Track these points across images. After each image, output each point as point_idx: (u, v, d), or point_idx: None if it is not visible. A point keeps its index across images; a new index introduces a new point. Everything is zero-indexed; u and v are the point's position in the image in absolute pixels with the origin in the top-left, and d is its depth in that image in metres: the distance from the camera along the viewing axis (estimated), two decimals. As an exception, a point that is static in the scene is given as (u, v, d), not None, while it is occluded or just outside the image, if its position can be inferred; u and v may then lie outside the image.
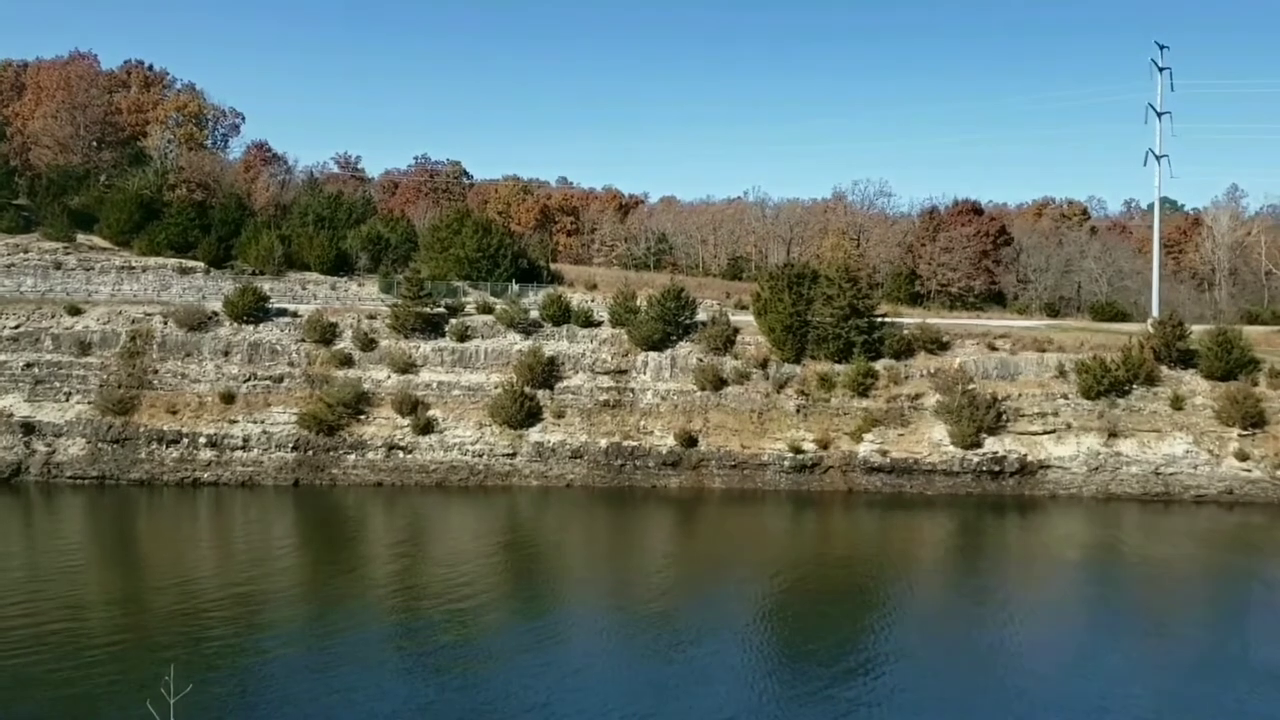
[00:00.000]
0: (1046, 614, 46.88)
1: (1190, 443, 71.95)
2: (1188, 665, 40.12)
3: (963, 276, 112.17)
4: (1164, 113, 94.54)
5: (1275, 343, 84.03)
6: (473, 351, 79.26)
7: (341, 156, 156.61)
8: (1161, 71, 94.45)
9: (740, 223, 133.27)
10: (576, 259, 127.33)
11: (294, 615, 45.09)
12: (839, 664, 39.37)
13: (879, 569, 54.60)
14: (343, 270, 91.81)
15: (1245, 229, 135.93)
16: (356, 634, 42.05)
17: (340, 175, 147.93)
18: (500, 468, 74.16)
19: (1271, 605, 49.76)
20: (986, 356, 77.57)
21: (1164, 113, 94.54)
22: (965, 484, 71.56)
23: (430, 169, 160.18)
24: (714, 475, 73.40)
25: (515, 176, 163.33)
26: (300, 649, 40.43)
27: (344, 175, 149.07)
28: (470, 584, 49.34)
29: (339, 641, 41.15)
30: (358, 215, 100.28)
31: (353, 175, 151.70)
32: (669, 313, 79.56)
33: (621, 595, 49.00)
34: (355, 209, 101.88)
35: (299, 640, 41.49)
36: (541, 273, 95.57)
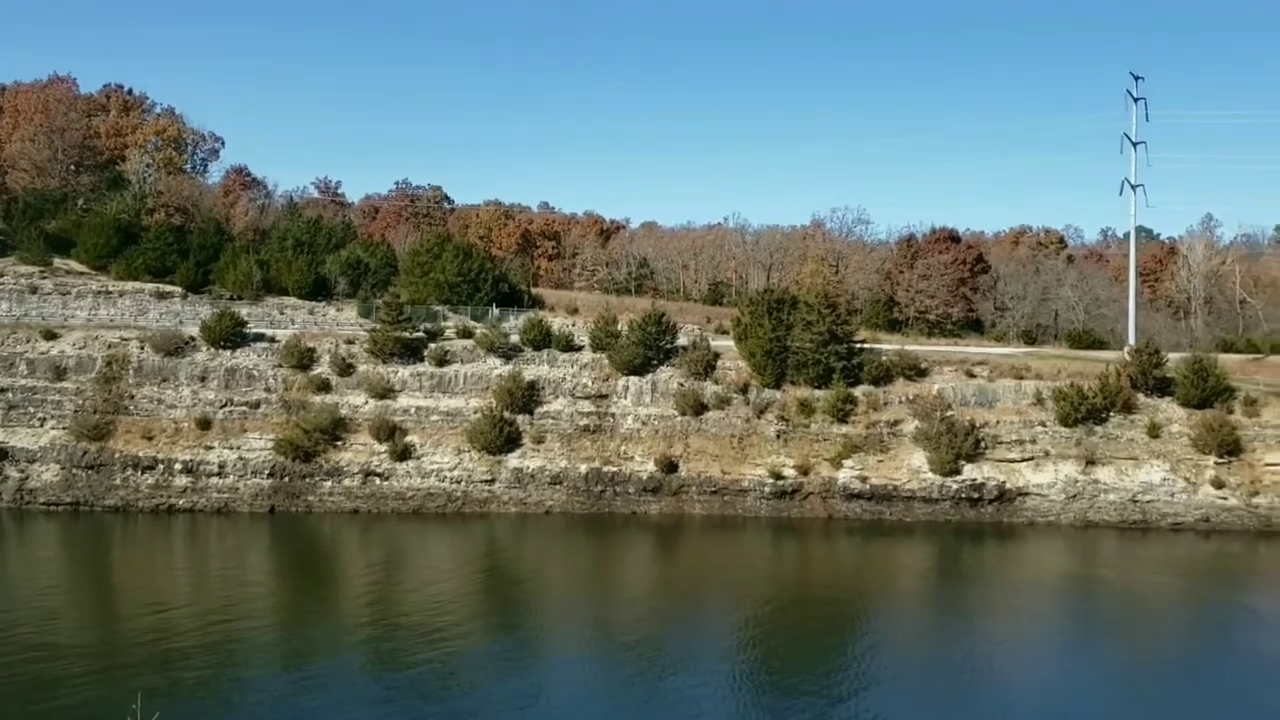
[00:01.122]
0: (1027, 645, 46.89)
1: (1167, 471, 72.32)
2: (1165, 695, 40.14)
3: (940, 303, 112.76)
4: (1139, 142, 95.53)
5: (1250, 371, 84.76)
6: (452, 376, 78.98)
7: (321, 181, 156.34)
8: (1137, 102, 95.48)
9: (721, 248, 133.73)
10: (558, 284, 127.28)
11: (269, 643, 44.59)
12: (821, 694, 39.19)
13: (860, 597, 54.54)
14: (321, 295, 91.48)
15: (1220, 258, 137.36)
16: (333, 662, 41.64)
17: (320, 200, 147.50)
18: (478, 494, 73.76)
19: (1249, 637, 49.85)
20: (965, 383, 77.87)
21: (1139, 142, 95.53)
22: (944, 511, 71.62)
23: (411, 193, 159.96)
24: (694, 501, 73.22)
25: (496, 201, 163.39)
26: (275, 677, 39.99)
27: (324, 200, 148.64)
28: (449, 612, 48.94)
29: (315, 670, 40.74)
30: (337, 240, 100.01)
31: (333, 200, 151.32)
32: (650, 337, 79.58)
33: (602, 624, 48.73)
34: (335, 233, 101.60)
35: (273, 668, 41.05)
36: (522, 297, 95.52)
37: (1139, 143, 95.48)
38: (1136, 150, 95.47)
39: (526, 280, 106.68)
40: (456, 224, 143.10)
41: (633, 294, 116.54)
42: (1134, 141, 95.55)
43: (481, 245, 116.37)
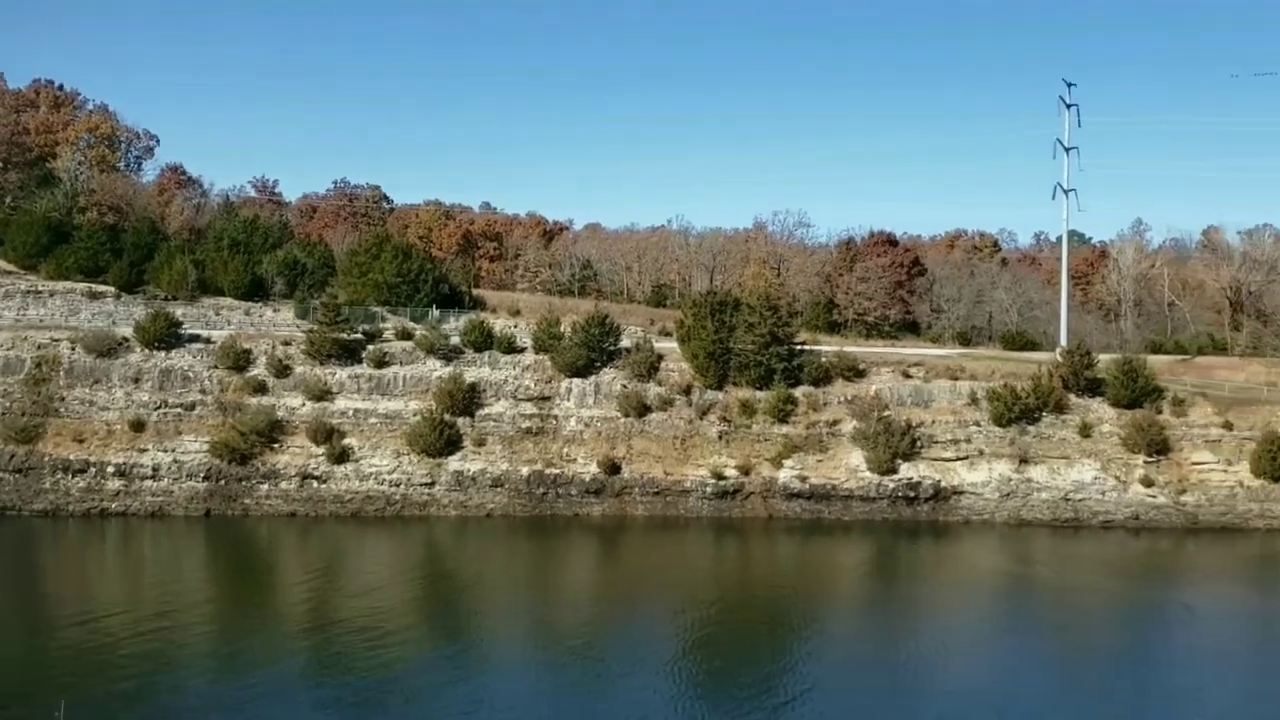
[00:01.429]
0: (964, 641, 47.72)
1: (1098, 469, 73.95)
2: (1098, 689, 41.05)
3: (879, 306, 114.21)
4: (1071, 148, 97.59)
5: (1178, 372, 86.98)
6: (391, 378, 78.33)
7: (258, 180, 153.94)
8: (1069, 108, 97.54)
9: (664, 250, 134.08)
10: (499, 285, 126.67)
11: (204, 651, 43.79)
12: (765, 693, 39.52)
13: (801, 596, 55.10)
14: (258, 296, 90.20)
15: (1149, 261, 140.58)
16: (271, 670, 41.08)
17: (257, 199, 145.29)
18: (418, 497, 73.22)
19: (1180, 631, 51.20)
20: (901, 384, 78.97)
21: (1071, 148, 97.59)
22: (881, 510, 72.56)
23: (349, 193, 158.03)
24: (637, 503, 73.37)
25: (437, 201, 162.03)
26: (211, 686, 39.32)
27: (261, 199, 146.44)
28: (389, 617, 48.51)
29: (253, 679, 40.10)
30: (274, 240, 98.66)
31: (270, 199, 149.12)
32: (593, 339, 79.62)
33: (546, 627, 48.65)
34: (272, 233, 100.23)
35: (209, 677, 40.37)
36: (463, 298, 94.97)
37: (1071, 148, 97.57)
38: (1069, 155, 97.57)
39: (467, 281, 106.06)
40: (396, 224, 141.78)
41: (576, 296, 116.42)
42: (1066, 147, 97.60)
43: (421, 246, 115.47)
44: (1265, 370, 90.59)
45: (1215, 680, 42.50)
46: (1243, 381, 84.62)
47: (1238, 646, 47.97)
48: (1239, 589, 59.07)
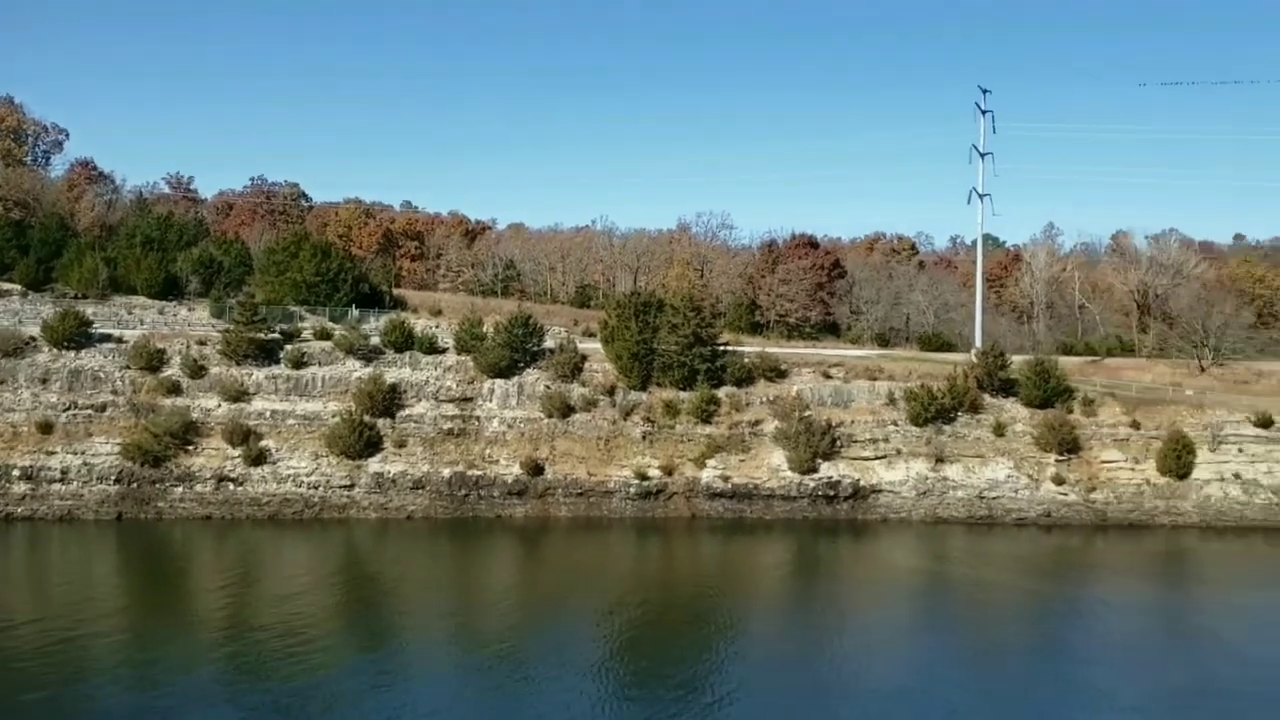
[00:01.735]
0: (880, 638, 48.49)
1: (1011, 468, 75.74)
2: (1011, 681, 42.07)
3: (800, 307, 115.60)
4: (986, 153, 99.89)
5: (1088, 373, 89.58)
6: (309, 379, 77.11)
7: (173, 176, 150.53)
8: (984, 114, 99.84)
9: (588, 251, 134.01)
10: (421, 284, 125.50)
11: (118, 659, 42.63)
12: (689, 693, 39.80)
13: (724, 596, 55.54)
14: (172, 295, 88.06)
15: (1061, 265, 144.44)
16: (187, 678, 40.13)
17: (171, 196, 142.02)
18: (337, 499, 72.20)
19: (1091, 625, 52.71)
20: (822, 384, 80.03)
21: (986, 153, 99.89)
22: (802, 508, 73.46)
23: (267, 190, 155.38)
24: (560, 504, 73.23)
25: (357, 199, 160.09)
26: (125, 695, 38.33)
27: (175, 196, 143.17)
28: (309, 622, 47.71)
29: (168, 687, 39.19)
30: (189, 237, 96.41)
31: (185, 196, 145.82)
32: (516, 339, 79.28)
33: (469, 630, 48.31)
34: (187, 231, 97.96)
35: (123, 686, 39.34)
36: (384, 298, 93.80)
37: (986, 154, 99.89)
38: (984, 161, 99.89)
39: (388, 281, 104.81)
40: (315, 222, 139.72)
41: (499, 296, 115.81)
42: (981, 152, 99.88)
43: (341, 244, 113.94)
44: (1171, 371, 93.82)
45: (1124, 672, 43.83)
46: (1149, 382, 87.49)
47: (1144, 639, 49.56)
48: (1145, 584, 60.97)
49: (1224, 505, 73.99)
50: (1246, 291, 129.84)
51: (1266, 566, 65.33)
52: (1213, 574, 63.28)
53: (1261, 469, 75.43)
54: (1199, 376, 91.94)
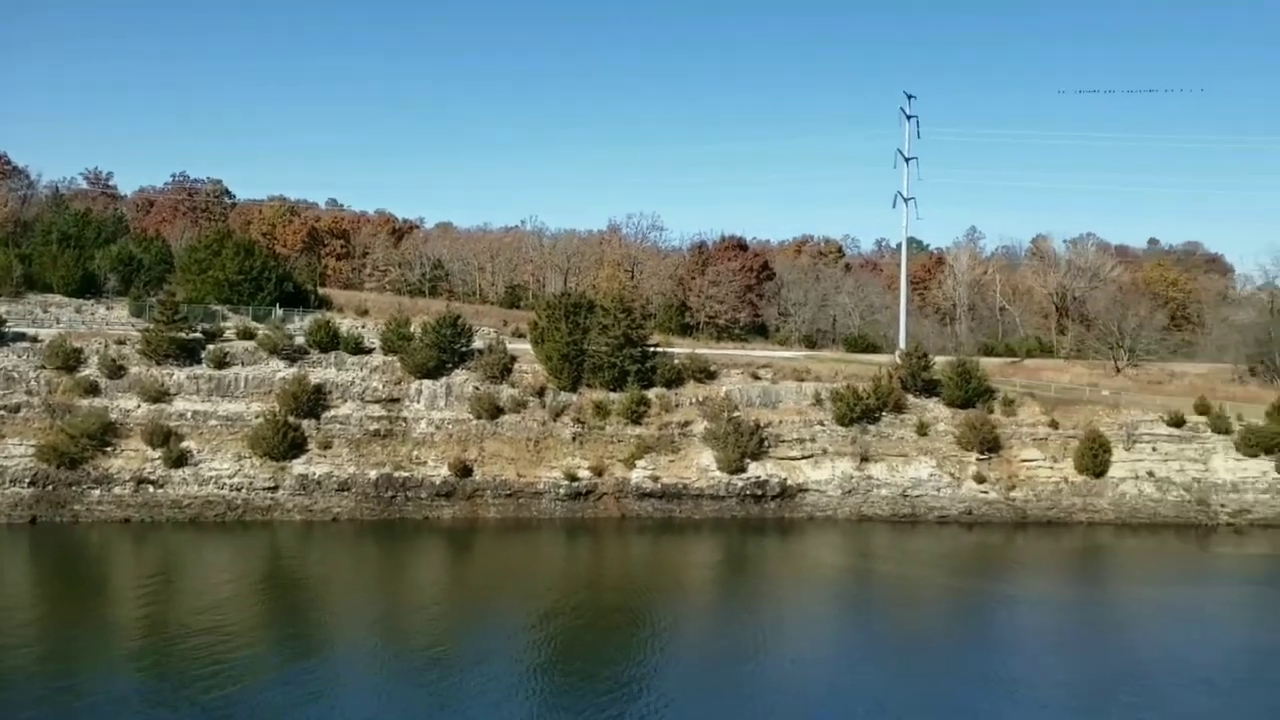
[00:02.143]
0: (806, 635, 49.07)
1: (934, 467, 77.15)
2: (933, 675, 42.86)
3: (729, 309, 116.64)
4: (911, 158, 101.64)
5: (1008, 373, 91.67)
6: (232, 379, 75.75)
7: (91, 172, 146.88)
8: (909, 119, 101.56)
9: (518, 251, 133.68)
10: (347, 284, 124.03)
11: (30, 669, 41.12)
12: (619, 693, 39.81)
13: (652, 594, 55.69)
14: (90, 293, 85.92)
15: (982, 268, 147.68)
16: (105, 688, 38.96)
17: (89, 192, 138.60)
18: (261, 501, 71.01)
19: (1008, 621, 53.92)
20: (750, 385, 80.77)
21: (911, 158, 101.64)
22: (730, 508, 74.04)
23: (189, 187, 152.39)
24: (489, 505, 72.87)
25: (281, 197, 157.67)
26: (38, 706, 37.11)
27: (93, 192, 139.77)
28: (233, 628, 46.72)
29: (84, 698, 38.00)
30: (108, 234, 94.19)
31: (103, 192, 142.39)
32: (444, 340, 78.70)
33: (396, 633, 47.72)
34: (105, 228, 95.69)
35: (36, 697, 38.01)
36: (309, 297, 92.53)
37: (911, 158, 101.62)
38: (908, 165, 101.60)
39: (313, 280, 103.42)
40: (238, 220, 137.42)
41: (427, 295, 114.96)
42: (906, 157, 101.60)
43: (265, 242, 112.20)
44: (1088, 372, 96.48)
45: (1040, 663, 44.92)
46: (1067, 382, 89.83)
47: (1060, 632, 50.83)
48: (1062, 580, 62.52)
49: (1138, 502, 76.17)
50: (1160, 294, 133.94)
51: (1178, 562, 67.39)
52: (1127, 570, 65.05)
53: (1174, 467, 77.79)
54: (1115, 377, 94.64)
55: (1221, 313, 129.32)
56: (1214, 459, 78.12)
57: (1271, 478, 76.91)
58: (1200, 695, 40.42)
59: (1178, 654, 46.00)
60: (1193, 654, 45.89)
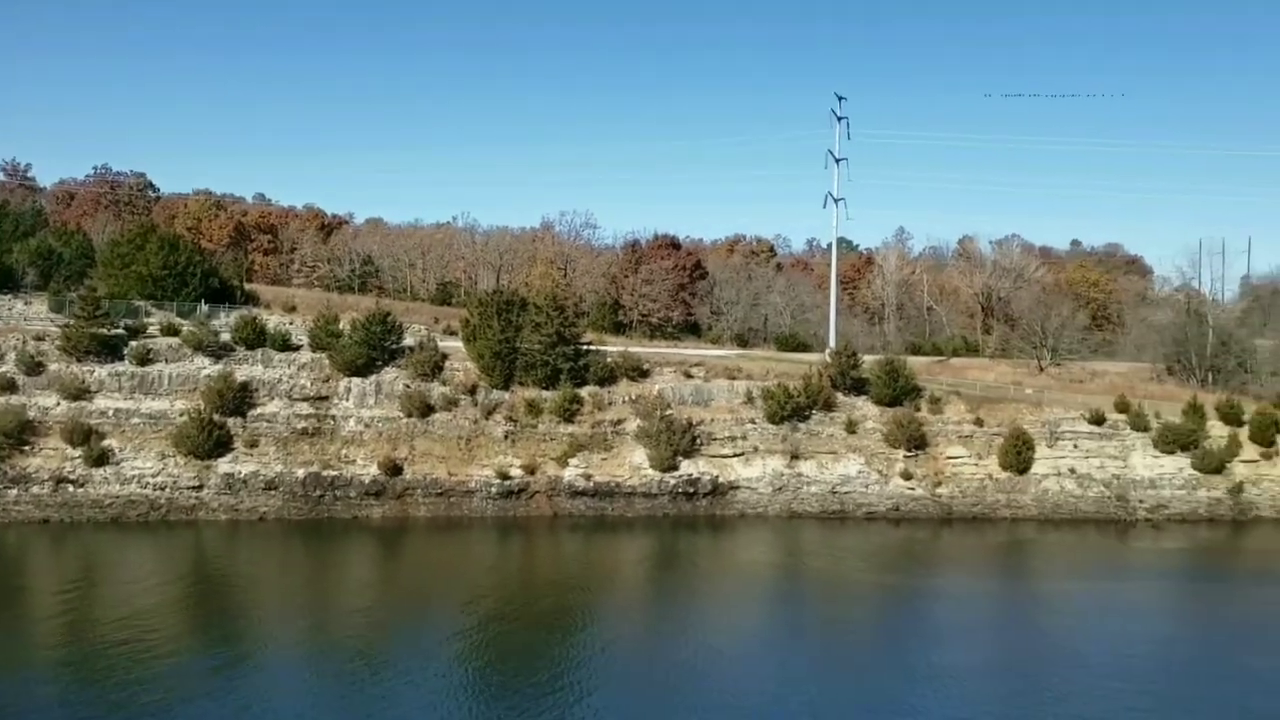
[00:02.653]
0: (737, 631, 49.45)
1: (862, 464, 78.23)
2: (857, 666, 43.50)
3: (662, 307, 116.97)
4: (841, 159, 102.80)
5: (935, 372, 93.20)
6: (155, 376, 74.19)
7: (9, 163, 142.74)
8: (840, 121, 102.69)
9: (450, 248, 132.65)
10: (274, 279, 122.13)
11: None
12: (551, 691, 39.79)
13: (582, 592, 55.75)
14: (7, 288, 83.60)
15: (910, 268, 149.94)
16: (22, 699, 37.84)
17: (6, 184, 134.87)
18: (185, 501, 69.66)
19: (931, 612, 54.92)
20: (683, 383, 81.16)
21: (841, 159, 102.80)
22: (663, 505, 74.35)
23: (111, 180, 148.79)
24: (419, 504, 72.29)
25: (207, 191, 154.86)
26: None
27: (11, 184, 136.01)
28: (157, 633, 45.64)
29: None
30: (26, 227, 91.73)
31: (21, 184, 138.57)
32: (374, 337, 77.87)
33: (325, 634, 47.12)
34: (23, 220, 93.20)
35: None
36: (235, 293, 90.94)
37: (841, 159, 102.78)
38: (839, 166, 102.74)
39: (240, 275, 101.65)
40: (162, 214, 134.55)
41: (356, 292, 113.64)
42: (837, 158, 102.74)
43: (190, 237, 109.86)
44: (1012, 370, 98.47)
45: (964, 656, 45.82)
46: (992, 381, 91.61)
47: (983, 625, 51.91)
48: (986, 574, 63.76)
49: (1060, 498, 78.00)
50: (1082, 295, 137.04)
51: (1097, 556, 69.09)
52: (1049, 564, 66.53)
53: (1094, 464, 79.79)
54: (1038, 376, 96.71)
55: (1140, 313, 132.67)
56: (1133, 456, 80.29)
57: (1187, 474, 79.29)
58: (1115, 683, 41.52)
59: (1095, 644, 47.17)
60: (1108, 644, 47.09)
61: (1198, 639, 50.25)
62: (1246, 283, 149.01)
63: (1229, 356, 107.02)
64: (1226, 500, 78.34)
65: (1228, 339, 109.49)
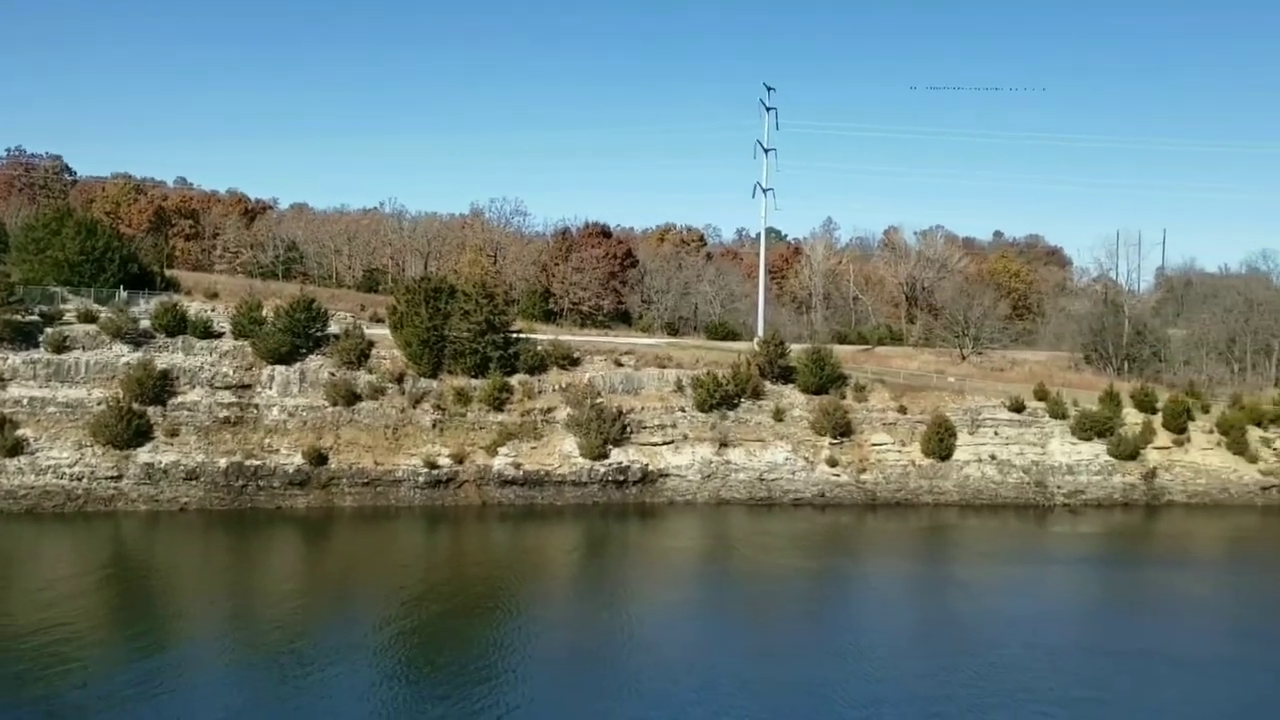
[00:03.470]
0: (667, 616, 49.76)
1: (790, 451, 79.12)
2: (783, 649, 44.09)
3: (593, 295, 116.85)
4: (770, 149, 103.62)
5: (860, 360, 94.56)
6: (72, 364, 72.31)
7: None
8: (769, 111, 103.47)
9: (376, 234, 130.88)
10: (196, 265, 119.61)
11: None
12: (474, 678, 39.70)
13: (512, 581, 55.66)
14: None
15: (837, 258, 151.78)
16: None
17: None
18: (103, 491, 68.08)
19: (855, 597, 55.85)
20: (613, 372, 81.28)
21: (770, 149, 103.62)
22: (593, 494, 74.47)
23: (25, 162, 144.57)
24: (345, 494, 71.51)
25: (126, 174, 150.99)
26: None
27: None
28: (75, 625, 44.52)
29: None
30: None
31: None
32: (298, 324, 76.70)
33: (250, 627, 46.37)
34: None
35: None
36: (155, 279, 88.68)
37: (770, 149, 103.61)
38: (768, 156, 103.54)
39: (160, 261, 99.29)
40: (79, 198, 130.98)
41: (280, 278, 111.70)
42: (766, 148, 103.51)
43: (108, 222, 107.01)
44: (935, 359, 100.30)
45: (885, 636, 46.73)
46: (916, 369, 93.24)
47: (904, 607, 52.98)
48: (907, 558, 64.98)
49: (981, 484, 79.70)
50: (1004, 285, 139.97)
51: (1016, 541, 70.74)
52: (968, 549, 67.91)
53: (1014, 450, 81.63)
54: (960, 365, 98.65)
55: (1060, 303, 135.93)
56: (1051, 443, 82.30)
57: (1103, 460, 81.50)
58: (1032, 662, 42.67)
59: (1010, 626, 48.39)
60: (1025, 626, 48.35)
61: (1106, 620, 51.76)
62: (1161, 274, 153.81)
63: (1144, 346, 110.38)
64: (1140, 486, 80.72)
65: (1143, 328, 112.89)
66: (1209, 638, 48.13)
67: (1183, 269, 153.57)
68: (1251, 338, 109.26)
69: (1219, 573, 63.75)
